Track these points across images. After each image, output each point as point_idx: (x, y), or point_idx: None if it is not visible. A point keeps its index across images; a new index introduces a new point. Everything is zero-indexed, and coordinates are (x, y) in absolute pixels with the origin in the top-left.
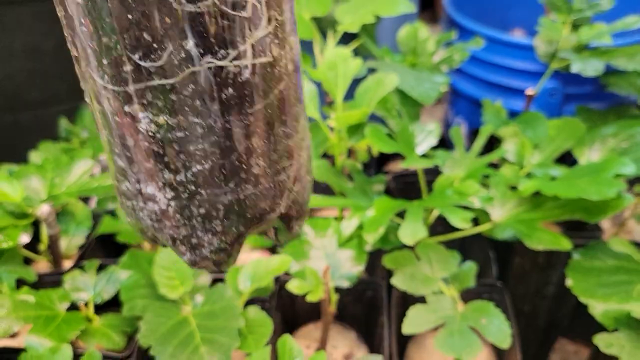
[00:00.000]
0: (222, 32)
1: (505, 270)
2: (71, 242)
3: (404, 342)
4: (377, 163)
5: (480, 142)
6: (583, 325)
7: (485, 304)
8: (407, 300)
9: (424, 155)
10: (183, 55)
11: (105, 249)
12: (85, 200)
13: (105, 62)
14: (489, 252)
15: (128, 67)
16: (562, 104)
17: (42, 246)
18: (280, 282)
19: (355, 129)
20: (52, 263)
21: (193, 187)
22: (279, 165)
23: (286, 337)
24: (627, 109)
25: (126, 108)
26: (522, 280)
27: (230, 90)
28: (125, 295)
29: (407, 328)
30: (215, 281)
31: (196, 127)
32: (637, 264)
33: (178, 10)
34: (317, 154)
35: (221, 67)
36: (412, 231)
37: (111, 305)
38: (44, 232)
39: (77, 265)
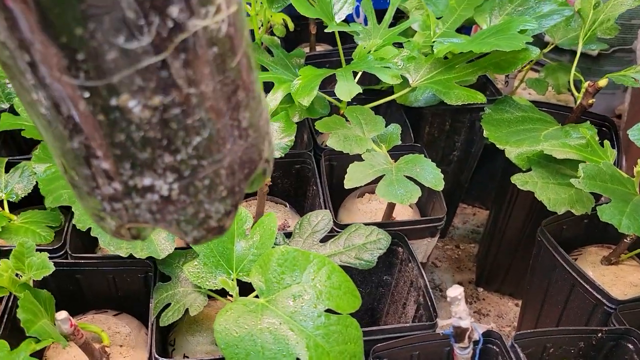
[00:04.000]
0: None
1: (416, 140)
2: None
3: (334, 209)
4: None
5: (390, 11)
6: (477, 190)
7: (417, 156)
8: (334, 170)
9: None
10: (170, 24)
11: (7, 148)
12: None
13: (80, 57)
14: (405, 119)
15: (111, 55)
16: None
17: None
18: None
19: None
20: None
21: (195, 162)
22: (257, 112)
23: None
24: None
25: (112, 102)
26: (431, 147)
27: (215, 49)
28: (45, 188)
29: (348, 182)
30: None
31: (191, 98)
32: (540, 114)
33: None
34: None
35: (205, 28)
36: (348, 89)
37: (32, 203)
38: None
39: None
